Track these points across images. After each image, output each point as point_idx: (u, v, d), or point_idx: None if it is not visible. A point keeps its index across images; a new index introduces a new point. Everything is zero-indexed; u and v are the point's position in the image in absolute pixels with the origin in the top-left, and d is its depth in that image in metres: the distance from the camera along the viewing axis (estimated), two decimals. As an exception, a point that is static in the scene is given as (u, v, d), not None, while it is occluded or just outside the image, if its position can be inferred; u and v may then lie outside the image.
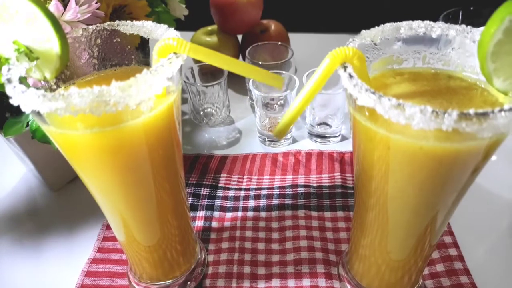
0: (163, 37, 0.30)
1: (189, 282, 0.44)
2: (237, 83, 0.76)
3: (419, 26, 0.31)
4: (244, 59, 0.74)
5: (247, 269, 0.45)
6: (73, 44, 0.35)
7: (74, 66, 0.35)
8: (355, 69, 0.27)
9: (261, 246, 0.48)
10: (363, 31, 0.31)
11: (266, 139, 0.64)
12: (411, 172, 0.28)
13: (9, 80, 0.27)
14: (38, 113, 0.28)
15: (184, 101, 0.73)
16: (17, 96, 0.26)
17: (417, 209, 0.31)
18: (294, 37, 0.81)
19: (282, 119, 0.30)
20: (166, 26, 0.34)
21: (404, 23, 0.31)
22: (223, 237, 0.49)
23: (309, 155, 0.60)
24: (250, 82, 0.61)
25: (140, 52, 0.39)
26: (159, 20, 0.64)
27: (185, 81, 0.64)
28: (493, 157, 0.62)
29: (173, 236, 0.41)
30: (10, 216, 0.54)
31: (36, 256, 0.49)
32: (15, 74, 0.28)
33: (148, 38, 0.36)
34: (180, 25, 0.71)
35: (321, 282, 0.44)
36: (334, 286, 0.43)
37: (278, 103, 0.62)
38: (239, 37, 0.82)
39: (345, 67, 0.27)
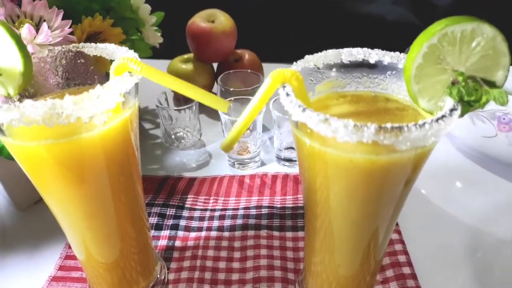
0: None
1: (147, 300, 0.44)
2: (210, 108, 0.78)
3: (358, 53, 0.34)
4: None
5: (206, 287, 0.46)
6: (38, 64, 0.37)
7: (39, 84, 0.37)
8: (293, 89, 0.30)
9: (222, 265, 0.49)
10: (306, 56, 0.34)
11: (235, 163, 0.66)
12: (347, 185, 0.30)
13: (-31, 93, 0.29)
14: (-5, 125, 0.30)
15: (156, 125, 0.75)
16: (-26, 108, 0.28)
17: (358, 222, 0.33)
18: (267, 67, 0.85)
19: (229, 134, 0.32)
20: (126, 48, 0.36)
21: (345, 49, 0.34)
22: (185, 256, 0.50)
23: (275, 177, 0.62)
24: (220, 107, 0.63)
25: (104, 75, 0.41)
26: (134, 48, 0.66)
27: (157, 106, 0.66)
28: (459, 184, 0.65)
29: (131, 254, 0.42)
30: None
31: (-4, 274, 0.49)
32: (-24, 88, 0.30)
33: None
34: (158, 53, 0.74)
35: (278, 299, 0.44)
36: (290, 303, 0.44)
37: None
38: (215, 65, 0.85)
39: (284, 86, 0.30)
